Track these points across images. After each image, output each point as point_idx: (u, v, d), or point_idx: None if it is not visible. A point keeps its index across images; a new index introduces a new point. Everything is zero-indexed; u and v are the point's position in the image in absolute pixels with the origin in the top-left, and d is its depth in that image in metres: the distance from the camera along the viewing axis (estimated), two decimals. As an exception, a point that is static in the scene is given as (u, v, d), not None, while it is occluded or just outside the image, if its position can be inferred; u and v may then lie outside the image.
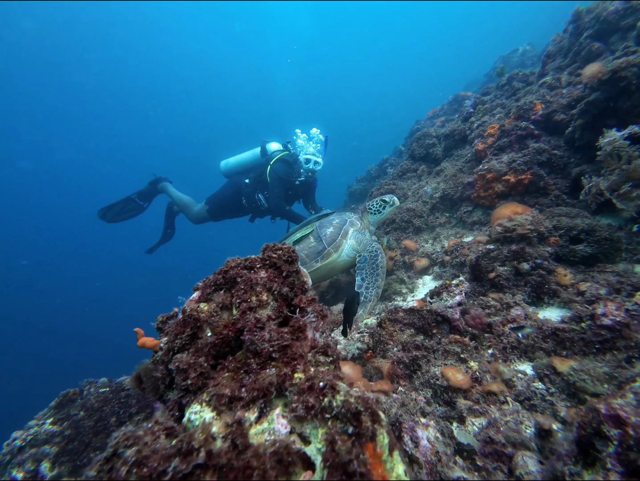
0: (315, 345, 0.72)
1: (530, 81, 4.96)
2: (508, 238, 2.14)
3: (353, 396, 0.56)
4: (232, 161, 6.07)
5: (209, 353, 0.70)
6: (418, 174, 5.41)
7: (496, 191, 3.30)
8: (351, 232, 3.14)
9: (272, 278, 0.78)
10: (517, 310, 1.87)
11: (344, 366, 0.77)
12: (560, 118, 3.20)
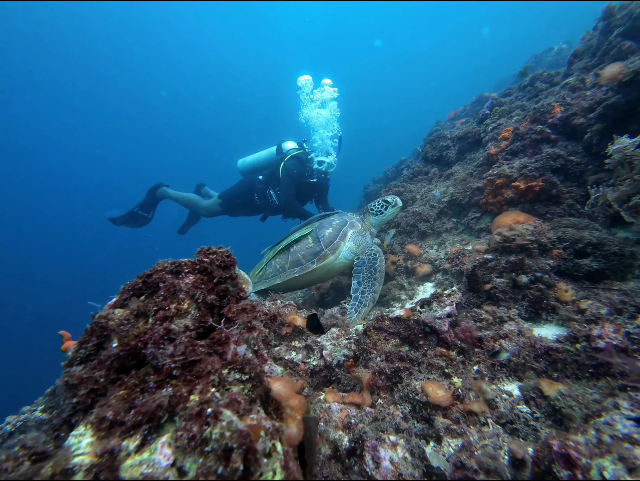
0: (235, 361, 0.66)
1: (555, 82, 4.70)
2: (507, 248, 2.02)
3: (230, 430, 0.51)
4: (249, 159, 6.18)
5: (111, 366, 0.64)
6: (429, 177, 5.27)
7: (505, 198, 3.14)
8: (350, 234, 3.08)
9: (197, 285, 0.74)
10: (511, 325, 1.76)
11: (276, 382, 0.71)
12: (580, 122, 3.00)
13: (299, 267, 2.95)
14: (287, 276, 2.97)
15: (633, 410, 0.92)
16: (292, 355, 2.03)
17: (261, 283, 3.21)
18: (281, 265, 3.08)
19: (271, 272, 3.17)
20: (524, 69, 6.02)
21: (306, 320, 2.27)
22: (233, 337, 0.68)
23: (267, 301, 2.72)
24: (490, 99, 5.25)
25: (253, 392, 0.65)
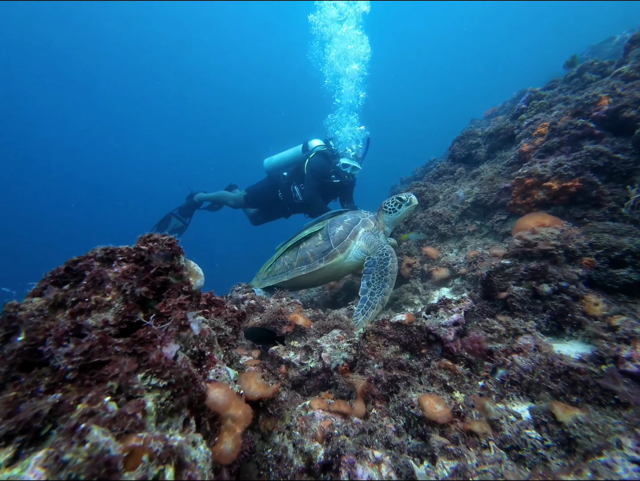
0: (156, 363, 0.60)
1: (608, 72, 4.23)
2: (528, 253, 1.82)
3: (89, 455, 0.43)
4: (275, 158, 6.29)
5: (13, 362, 0.57)
6: (455, 176, 4.98)
7: (535, 199, 2.86)
8: (361, 233, 2.96)
9: (128, 275, 0.68)
10: (527, 338, 1.58)
11: (215, 389, 0.64)
12: (630, 115, 2.66)
13: (307, 265, 2.89)
14: (294, 274, 2.92)
15: (638, 451, 0.76)
16: (290, 355, 1.99)
17: (269, 279, 3.19)
18: (289, 263, 3.03)
19: (279, 268, 3.13)
20: (571, 59, 5.52)
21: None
22: (161, 335, 0.63)
23: (272, 298, 2.70)
24: (528, 92, 4.85)
25: (174, 401, 0.59)
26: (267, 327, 2.21)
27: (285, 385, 1.15)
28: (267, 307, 2.48)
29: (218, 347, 0.82)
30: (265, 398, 0.90)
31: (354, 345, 1.93)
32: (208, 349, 0.74)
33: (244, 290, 3.05)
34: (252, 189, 6.30)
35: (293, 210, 6.12)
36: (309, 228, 3.26)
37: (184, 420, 0.60)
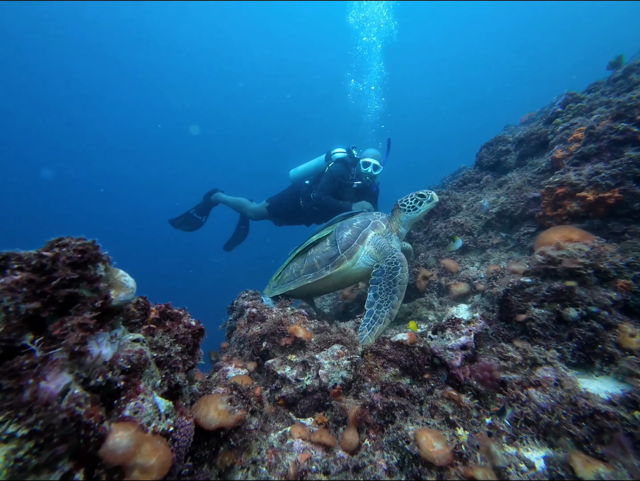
0: (22, 404, 0.49)
1: (658, 73, 3.83)
2: (551, 272, 1.61)
3: None
4: (300, 168, 6.36)
5: None
6: (480, 185, 4.71)
7: (568, 210, 2.59)
8: (370, 236, 2.78)
9: (16, 288, 0.57)
10: (547, 370, 1.38)
11: (119, 431, 0.51)
12: (680, 117, 2.34)
13: (313, 273, 2.78)
14: (300, 282, 2.83)
15: None
16: (285, 369, 1.90)
17: (278, 288, 3.12)
18: (297, 270, 2.94)
19: (288, 276, 3.05)
20: (616, 59, 5.08)
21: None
22: (47, 363, 0.54)
23: (276, 307, 2.64)
24: (565, 95, 4.49)
25: (40, 455, 0.49)
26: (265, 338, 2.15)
27: (258, 410, 1.05)
28: (269, 316, 2.42)
29: (154, 372, 0.74)
30: (226, 427, 0.82)
31: (355, 363, 1.82)
32: (129, 377, 0.66)
33: (251, 296, 3.02)
34: (274, 199, 6.37)
35: (313, 218, 6.12)
36: (318, 233, 3.17)
37: (64, 476, 0.51)
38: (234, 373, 1.84)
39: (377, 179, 5.48)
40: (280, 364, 1.93)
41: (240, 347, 2.43)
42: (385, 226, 2.88)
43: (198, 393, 0.97)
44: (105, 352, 0.64)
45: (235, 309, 2.93)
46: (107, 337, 0.65)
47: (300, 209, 5.99)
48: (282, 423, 1.38)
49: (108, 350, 0.65)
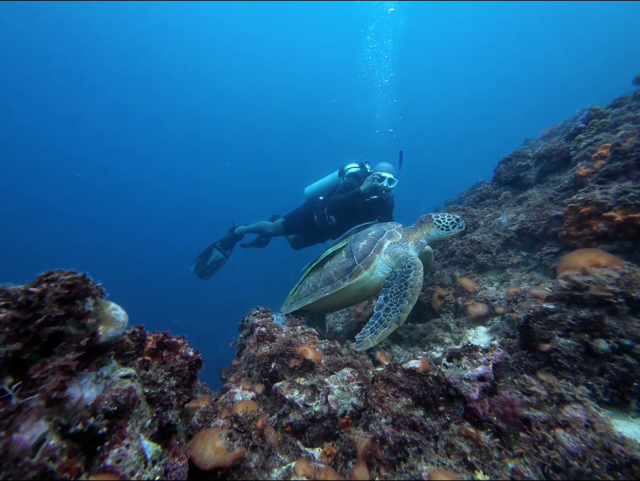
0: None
1: (685, 87, 3.68)
2: (577, 298, 1.51)
3: None
4: (314, 185, 6.46)
5: None
6: (499, 201, 4.58)
7: (594, 231, 2.45)
8: (387, 246, 2.72)
9: None
10: (576, 409, 1.26)
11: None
12: None
13: (330, 285, 2.72)
14: (318, 295, 2.77)
15: None
16: (294, 393, 1.85)
17: (295, 303, 3.09)
18: (314, 284, 2.90)
19: (305, 291, 3.00)
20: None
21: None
22: (23, 411, 0.49)
23: (286, 326, 2.59)
24: (588, 110, 4.37)
25: None
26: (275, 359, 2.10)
27: (259, 445, 1.00)
28: (278, 335, 2.38)
29: (144, 411, 0.71)
30: (223, 466, 0.77)
31: (366, 389, 1.74)
32: (114, 421, 0.62)
33: (261, 314, 2.99)
34: (290, 215, 6.50)
35: (328, 234, 6.14)
36: (332, 246, 3.14)
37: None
38: (240, 397, 1.80)
39: (392, 192, 5.48)
40: (288, 387, 1.88)
41: (249, 367, 2.39)
42: (400, 235, 2.83)
43: (197, 426, 0.94)
44: (87, 395, 0.61)
45: (245, 327, 2.91)
46: (92, 377, 0.62)
47: (315, 225, 6.03)
48: (287, 455, 1.32)
49: (92, 392, 0.62)
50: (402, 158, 5.66)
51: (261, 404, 2.01)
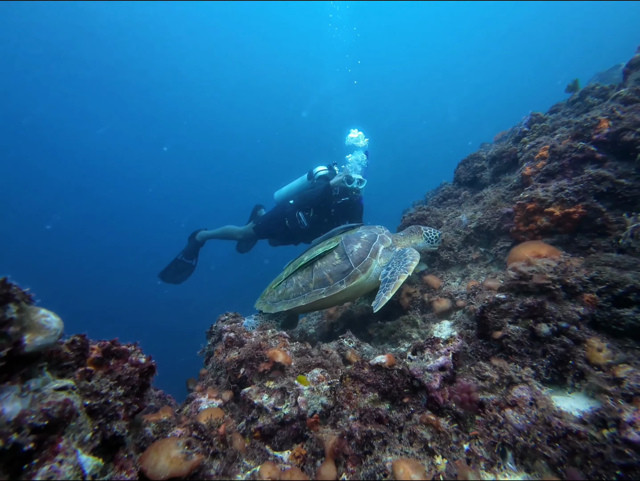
0: None
1: (609, 96, 4.13)
2: (524, 287, 1.65)
3: None
4: (284, 189, 6.43)
5: None
6: (459, 200, 4.86)
7: (539, 225, 2.69)
8: (381, 250, 2.79)
9: None
10: (522, 390, 1.38)
11: None
12: (631, 138, 2.51)
13: (326, 287, 2.70)
14: (312, 297, 2.73)
15: None
16: (263, 398, 1.84)
17: (281, 303, 2.96)
18: (304, 284, 2.83)
19: (293, 291, 2.90)
20: (573, 83, 5.45)
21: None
22: None
23: (256, 330, 2.57)
24: (530, 115, 4.78)
25: None
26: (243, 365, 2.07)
27: (221, 451, 0.99)
28: (248, 340, 2.35)
29: (84, 424, 0.68)
30: (179, 476, 0.76)
31: (335, 387, 1.77)
32: (44, 436, 0.59)
33: (230, 320, 2.93)
34: (262, 220, 6.40)
35: (300, 237, 6.15)
36: (321, 245, 3.07)
37: None
38: (207, 405, 1.76)
39: (361, 193, 5.63)
40: (257, 392, 1.87)
41: (217, 375, 2.34)
42: (390, 240, 2.93)
43: (151, 438, 0.90)
44: (9, 409, 0.57)
45: (214, 333, 2.84)
46: (16, 391, 0.58)
47: (287, 229, 6.01)
48: (253, 460, 1.31)
49: (15, 406, 0.58)
50: (368, 157, 5.84)
51: (229, 411, 1.97)
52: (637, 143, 2.39)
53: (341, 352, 2.45)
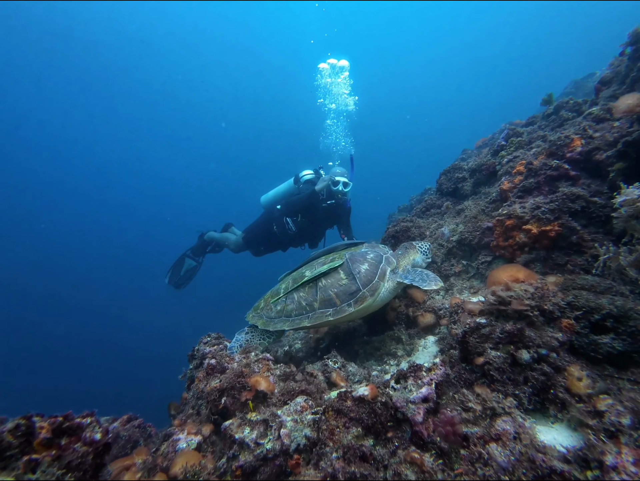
0: None
1: (582, 111, 4.32)
2: (503, 312, 1.66)
3: None
4: (270, 194, 6.38)
5: None
6: (442, 211, 4.94)
7: (518, 242, 2.74)
8: (389, 273, 2.72)
9: None
10: (506, 422, 1.37)
11: None
12: (602, 158, 2.61)
13: (333, 309, 2.57)
14: (318, 318, 2.58)
15: None
16: (244, 432, 1.76)
17: (281, 321, 2.76)
18: (308, 303, 2.67)
19: (295, 308, 2.72)
20: (547, 97, 5.68)
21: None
22: None
23: (238, 354, 2.48)
24: (507, 129, 4.93)
25: None
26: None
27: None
28: (230, 366, 2.27)
29: None
30: None
31: (318, 419, 1.71)
32: None
33: (213, 341, 2.83)
34: (249, 229, 6.33)
35: (289, 243, 6.10)
36: (323, 261, 2.94)
37: None
38: (185, 443, 1.67)
39: (347, 196, 5.63)
40: (238, 425, 1.79)
41: (198, 404, 2.24)
42: (395, 262, 2.86)
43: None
44: None
45: (196, 357, 2.73)
46: None
47: (275, 235, 5.96)
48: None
49: None
50: (353, 162, 5.86)
51: (210, 447, 1.89)
52: (609, 163, 2.48)
53: (326, 373, 2.40)
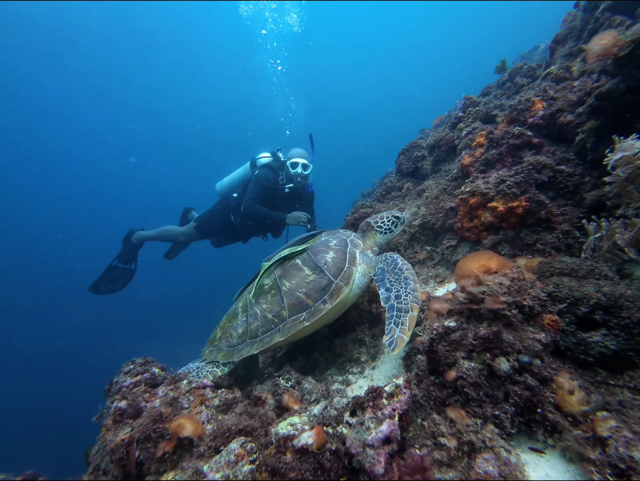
0: None
1: (538, 75, 4.16)
2: (475, 312, 1.34)
3: None
4: (226, 180, 5.77)
5: None
6: (403, 193, 4.65)
7: (483, 222, 2.48)
8: (358, 255, 2.34)
9: None
10: (487, 460, 1.05)
11: None
12: (568, 120, 2.38)
13: (306, 312, 2.14)
14: (291, 328, 2.13)
15: None
16: (156, 505, 1.32)
17: (246, 345, 2.27)
18: (275, 314, 2.21)
19: (260, 325, 2.25)
20: (501, 63, 5.51)
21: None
22: None
23: (164, 386, 1.98)
24: (463, 100, 4.68)
25: None
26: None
27: None
28: (149, 404, 1.78)
29: None
30: None
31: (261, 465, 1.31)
32: None
33: (138, 369, 2.28)
34: (203, 218, 5.70)
35: (249, 233, 5.60)
36: (277, 261, 2.46)
37: None
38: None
39: (309, 179, 5.21)
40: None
41: (105, 461, 1.72)
42: (361, 243, 2.50)
43: None
44: None
45: (112, 392, 2.18)
46: None
47: (232, 226, 5.42)
48: None
49: None
50: (313, 142, 5.38)
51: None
52: (575, 125, 2.25)
53: (277, 396, 1.99)
